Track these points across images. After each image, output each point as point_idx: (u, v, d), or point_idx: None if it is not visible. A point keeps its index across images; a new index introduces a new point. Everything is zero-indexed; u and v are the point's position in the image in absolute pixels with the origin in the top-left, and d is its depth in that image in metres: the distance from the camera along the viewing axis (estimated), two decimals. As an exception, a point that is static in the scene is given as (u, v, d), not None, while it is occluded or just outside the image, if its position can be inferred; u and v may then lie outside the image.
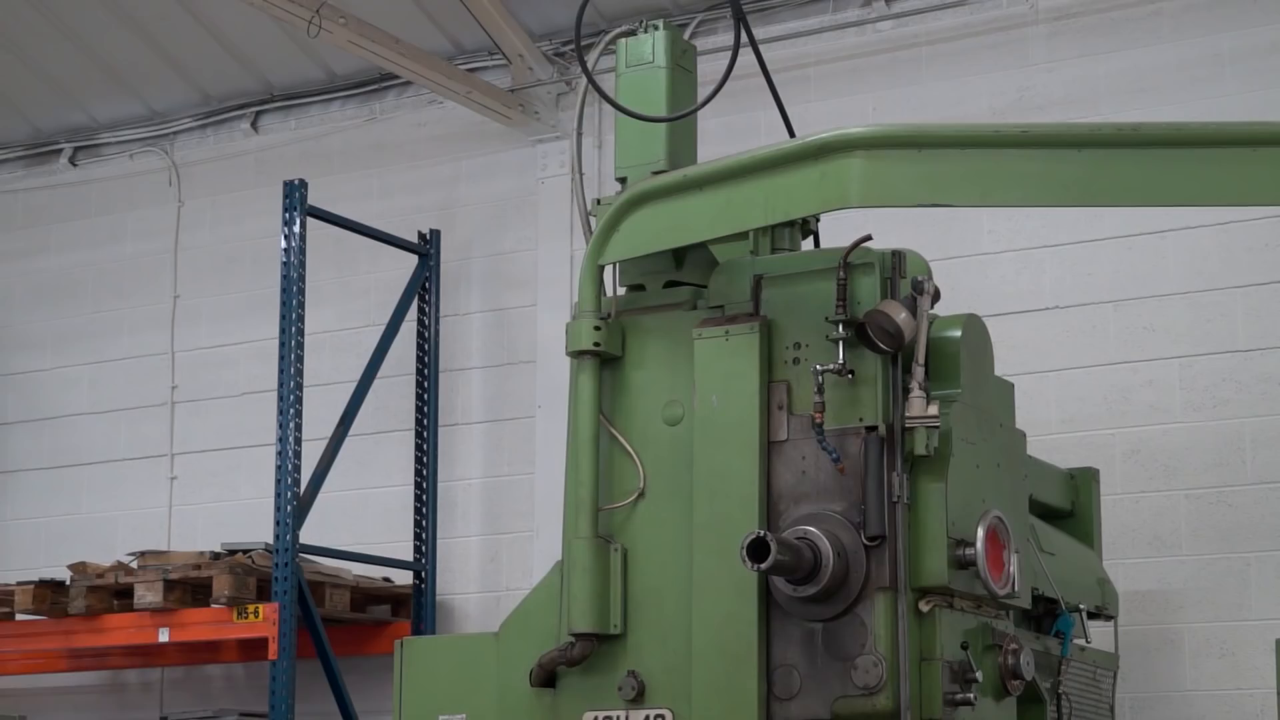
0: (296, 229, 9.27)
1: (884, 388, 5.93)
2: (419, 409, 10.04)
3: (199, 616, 9.29)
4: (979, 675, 5.93)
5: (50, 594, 9.70)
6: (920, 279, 6.00)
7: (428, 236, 10.13)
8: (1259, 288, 8.47)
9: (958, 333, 6.18)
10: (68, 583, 9.66)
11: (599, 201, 6.66)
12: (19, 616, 9.86)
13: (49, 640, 9.89)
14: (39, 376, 11.40)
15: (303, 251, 9.28)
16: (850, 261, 5.97)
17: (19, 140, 11.59)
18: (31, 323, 11.48)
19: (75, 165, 11.49)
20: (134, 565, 9.59)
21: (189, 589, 9.34)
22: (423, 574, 9.85)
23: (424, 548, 9.88)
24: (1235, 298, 8.49)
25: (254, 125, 10.99)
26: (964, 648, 5.96)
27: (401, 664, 6.67)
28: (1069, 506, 7.71)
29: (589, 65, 6.62)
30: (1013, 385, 6.54)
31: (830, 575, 5.80)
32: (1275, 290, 8.44)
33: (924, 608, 5.90)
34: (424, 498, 9.95)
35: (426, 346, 10.09)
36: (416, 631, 9.67)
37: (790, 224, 6.57)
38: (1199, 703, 8.28)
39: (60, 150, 11.50)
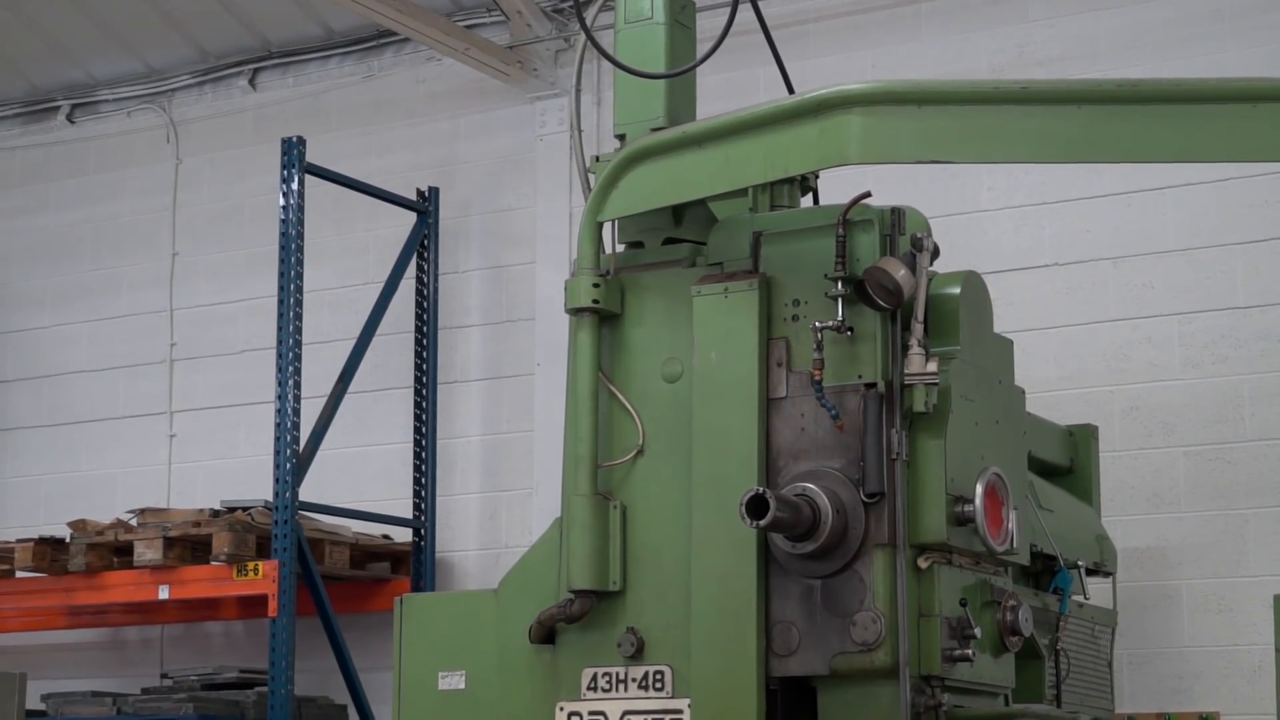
0: (295, 186, 9.26)
1: (883, 345, 5.92)
2: (418, 366, 10.05)
3: (198, 574, 9.30)
4: (977, 631, 5.94)
5: (50, 551, 9.72)
6: (919, 236, 5.99)
7: (426, 194, 10.12)
8: (1258, 244, 8.46)
9: (957, 289, 6.17)
10: (67, 540, 9.68)
11: (598, 158, 6.64)
12: (19, 574, 9.88)
13: (49, 597, 9.91)
14: (38, 334, 11.40)
15: (301, 209, 9.27)
16: (849, 218, 5.96)
17: (16, 97, 11.57)
18: (30, 280, 11.47)
19: (73, 123, 11.47)
20: (133, 522, 9.61)
21: (188, 546, 9.36)
22: (422, 531, 9.86)
23: (423, 505, 9.90)
24: (1234, 254, 8.49)
25: (252, 82, 10.96)
26: (962, 604, 5.97)
27: (401, 621, 6.68)
28: (1068, 463, 7.72)
29: (587, 21, 6.59)
30: (1012, 342, 6.54)
31: (829, 532, 5.80)
32: (1274, 247, 8.44)
33: (923, 564, 5.90)
34: (423, 455, 9.95)
35: (425, 304, 10.08)
36: (416, 588, 9.69)
37: (789, 181, 6.55)
38: (1196, 658, 8.30)
39: (58, 107, 11.47)
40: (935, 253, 6.07)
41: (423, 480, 9.93)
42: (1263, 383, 8.36)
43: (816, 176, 6.79)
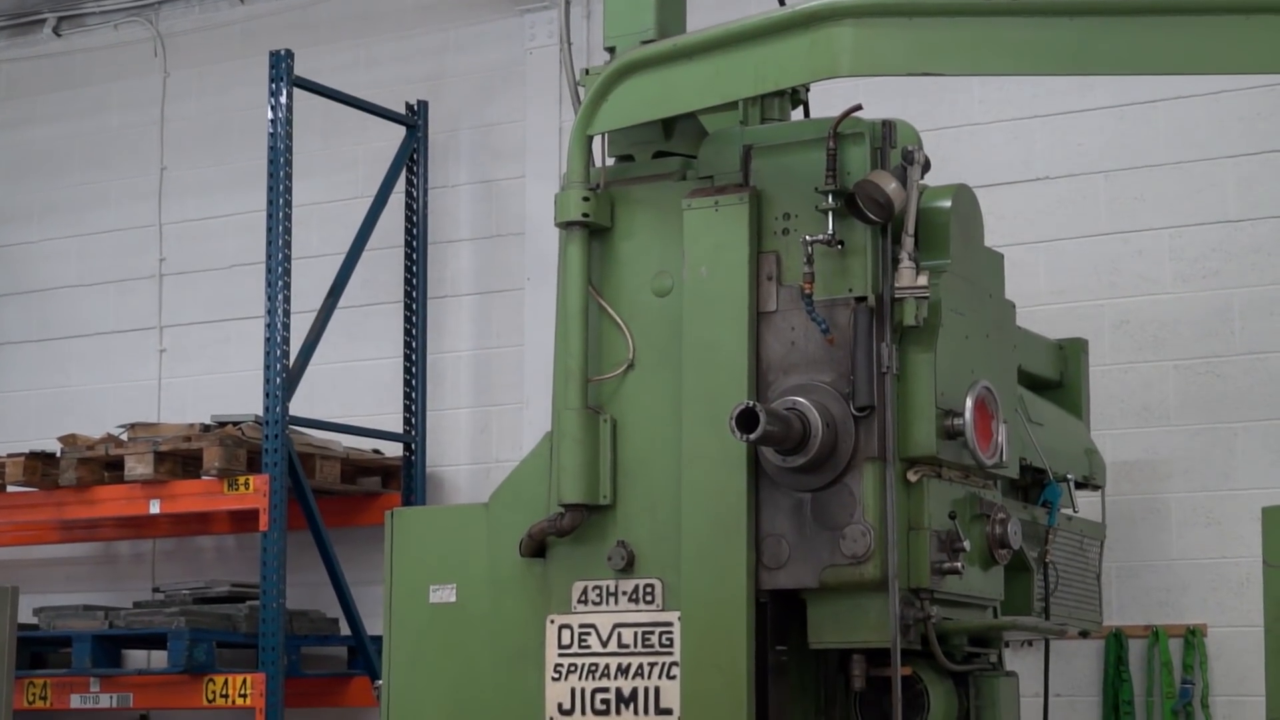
0: (283, 100, 9.21)
1: (873, 258, 5.92)
2: (408, 281, 10.03)
3: (189, 488, 9.31)
4: (966, 544, 5.97)
5: (40, 466, 9.72)
6: (910, 149, 5.97)
7: (415, 108, 10.07)
8: (1250, 157, 8.44)
9: (948, 203, 6.15)
10: (58, 455, 9.68)
11: (587, 72, 6.60)
12: (9, 488, 9.89)
13: (40, 512, 9.92)
14: (26, 249, 11.36)
15: (289, 123, 9.22)
16: (840, 131, 5.94)
17: (1, 10, 11.47)
18: (17, 195, 11.42)
19: (59, 36, 11.39)
20: (124, 437, 9.61)
21: (179, 461, 9.37)
22: (413, 446, 9.87)
23: (414, 420, 9.90)
24: (1226, 168, 8.47)
25: (239, -5, 10.90)
26: (952, 517, 5.99)
27: (392, 535, 6.70)
28: (1057, 377, 7.73)
29: (577, -67, 6.56)
30: (1002, 256, 6.53)
31: (819, 445, 5.82)
32: (1266, 160, 8.42)
33: (912, 478, 5.92)
34: (413, 370, 9.95)
35: (415, 218, 10.06)
36: (407, 503, 9.71)
37: (780, 94, 6.53)
38: (1184, 571, 8.34)
39: (44, 20, 11.39)
40: (926, 166, 6.06)
41: (413, 395, 9.94)
42: (1253, 296, 8.36)
43: (807, 89, 6.76)
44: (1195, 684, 8.21)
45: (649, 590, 6.12)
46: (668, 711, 6.04)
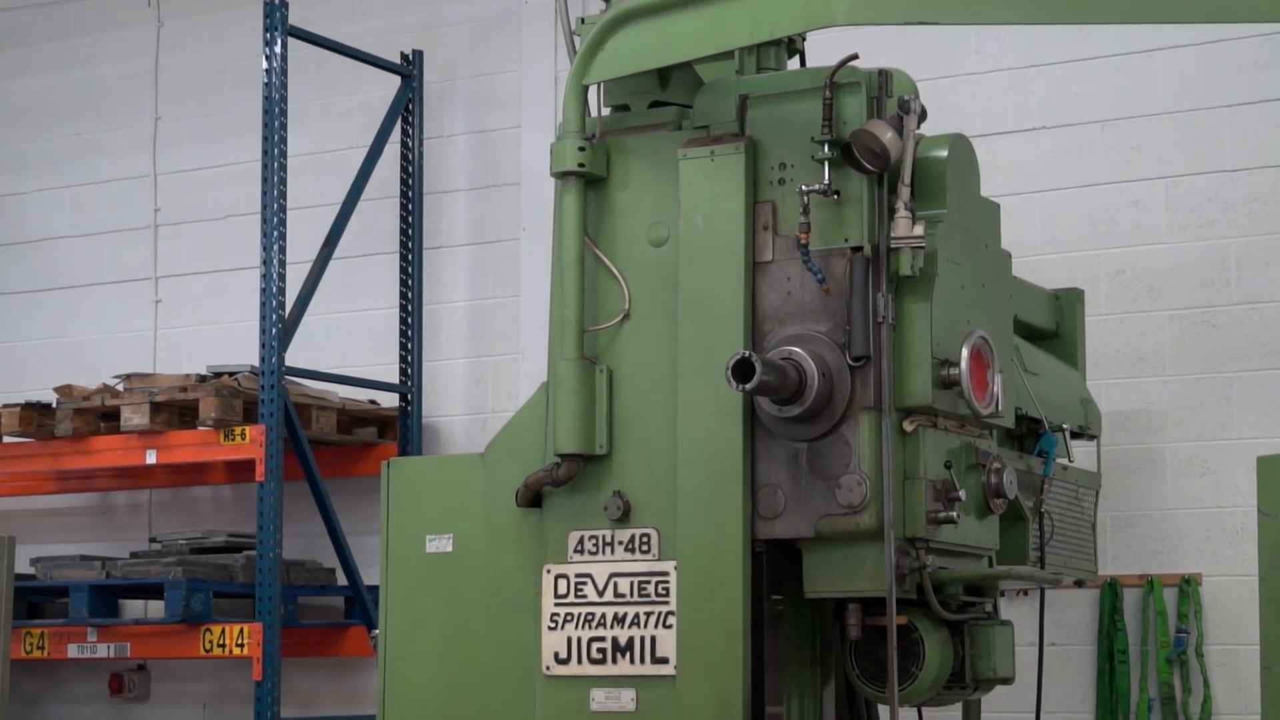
0: (277, 49, 9.18)
1: (869, 208, 5.91)
2: (403, 232, 10.02)
3: (186, 439, 9.32)
4: (962, 494, 5.97)
5: (36, 416, 9.73)
6: (907, 98, 5.95)
7: (410, 57, 10.04)
8: (1247, 107, 8.42)
9: (944, 153, 6.14)
10: (54, 405, 9.69)
11: (583, 20, 6.58)
12: (5, 439, 9.90)
13: (36, 462, 9.94)
14: (20, 199, 11.34)
15: (284, 73, 9.19)
16: (836, 81, 5.92)
17: (-6, -40, 11.45)
18: (11, 145, 11.40)
19: (52, -15, 11.35)
20: (120, 388, 9.61)
21: (175, 411, 9.37)
22: (409, 396, 9.88)
23: (410, 370, 9.91)
24: (1223, 117, 8.45)
25: (233, -57, 10.85)
26: (947, 467, 5.99)
27: (388, 485, 6.70)
28: (1053, 327, 7.73)
29: (572, -120, 6.52)
30: (999, 206, 6.52)
31: (815, 395, 5.82)
32: (1263, 110, 8.40)
33: (908, 427, 5.92)
34: (409, 320, 9.95)
35: (410, 169, 10.04)
36: (403, 453, 9.72)
37: (776, 43, 6.50)
38: (1179, 521, 8.36)
39: (37, -31, 11.36)
40: (922, 115, 6.05)
41: (409, 345, 9.93)
42: (1249, 246, 8.35)
43: (803, 39, 6.74)
44: (1190, 633, 8.23)
45: (645, 540, 6.13)
46: (664, 660, 6.06)
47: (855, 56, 5.96)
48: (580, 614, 6.21)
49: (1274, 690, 6.69)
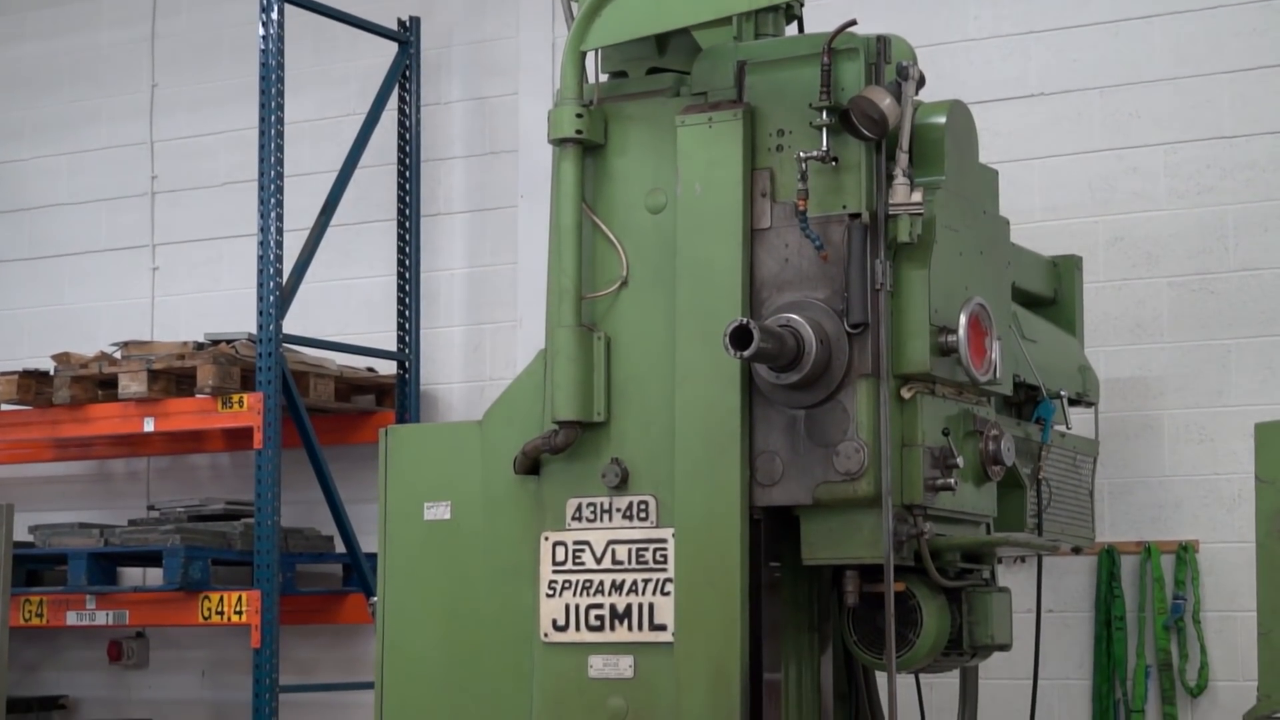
0: (274, 16, 9.16)
1: (868, 174, 5.90)
2: (400, 199, 10.00)
3: (183, 406, 9.33)
4: (960, 461, 5.98)
5: (34, 384, 9.73)
6: (905, 64, 5.94)
7: (408, 24, 10.01)
8: (1245, 73, 8.41)
9: (942, 119, 6.13)
10: (51, 373, 9.69)
11: (580, -14, 6.56)
12: (3, 407, 9.90)
13: (34, 430, 9.94)
14: (17, 167, 11.33)
15: (281, 39, 9.17)
16: (834, 47, 5.91)
17: (-10, -74, 11.42)
18: (7, 112, 11.37)
19: (48, -49, 11.32)
20: (117, 355, 9.61)
21: (173, 379, 9.37)
22: (406, 364, 9.87)
23: (407, 337, 9.90)
24: (1221, 84, 8.44)
25: (230, -92, 10.81)
26: (945, 434, 5.99)
27: (386, 452, 6.70)
28: (1051, 294, 7.72)
29: None
30: (997, 172, 6.51)
31: (813, 362, 5.82)
32: (1262, 75, 8.38)
33: (906, 394, 5.92)
34: (407, 288, 9.94)
35: (408, 136, 10.02)
36: (401, 421, 9.72)
37: (774, 9, 6.48)
38: (1177, 487, 8.37)
39: (33, -65, 11.32)
40: (921, 82, 6.03)
41: (407, 313, 9.93)
42: (1248, 213, 8.35)
43: (801, 4, 6.71)
44: (1187, 599, 8.25)
45: (643, 507, 6.13)
46: (661, 627, 6.06)
47: (853, 22, 5.95)
48: (578, 581, 6.21)
49: (1271, 656, 6.71)
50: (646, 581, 6.11)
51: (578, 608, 6.20)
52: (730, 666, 5.91)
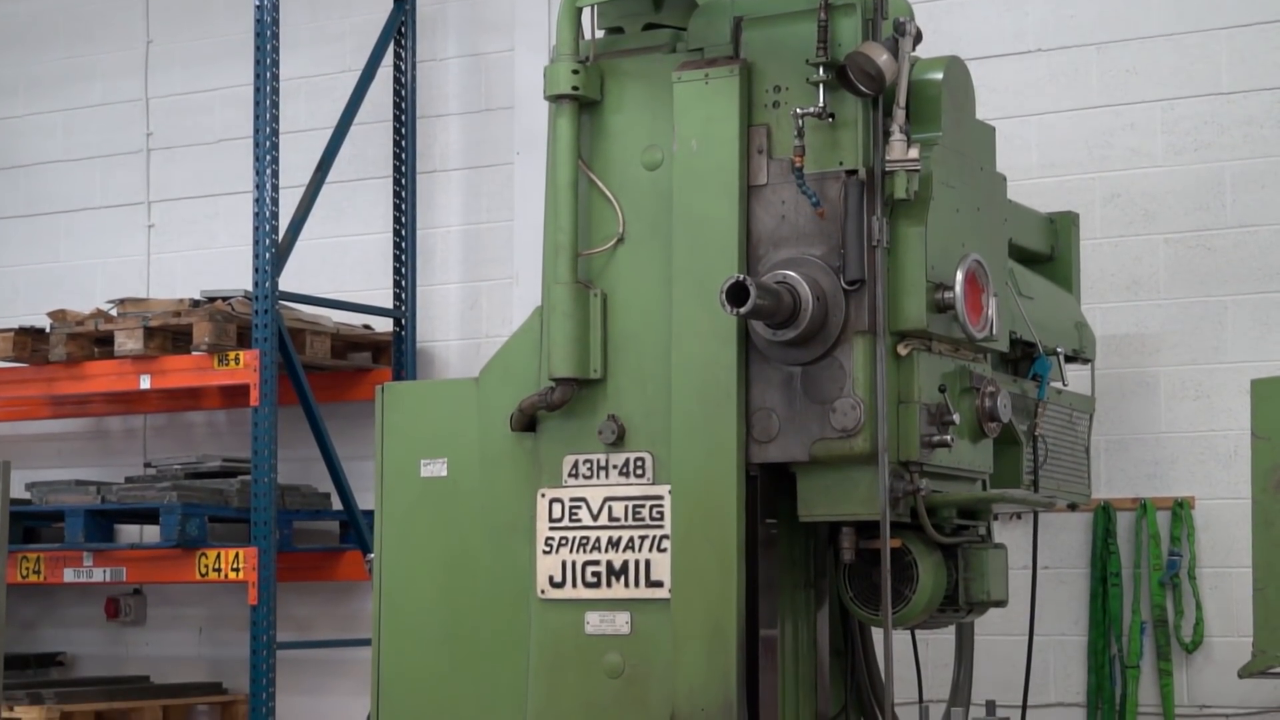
0: (269, -29, 9.13)
1: (864, 131, 5.89)
2: (396, 156, 9.98)
3: (180, 363, 9.32)
4: (956, 418, 5.98)
5: (30, 341, 9.72)
6: (902, 20, 5.92)
7: (403, -21, 9.99)
8: (1243, 29, 8.39)
9: (939, 75, 6.11)
10: (48, 330, 9.68)
11: (577, -58, 6.54)
12: None
13: (30, 387, 9.93)
14: (12, 124, 11.29)
15: (276, -6, 9.15)
16: (831, 3, 5.88)
17: (-16, -119, 11.36)
18: (2, 69, 11.33)
19: (42, -94, 11.27)
20: (114, 313, 9.60)
21: (169, 336, 9.36)
22: (403, 321, 9.87)
23: (404, 295, 9.89)
24: (1219, 39, 8.42)
25: None
26: (942, 390, 6.00)
27: (383, 409, 6.70)
28: (1048, 251, 7.72)
29: None
30: (994, 129, 6.50)
31: (809, 319, 5.81)
32: (1259, 31, 8.36)
33: (902, 351, 5.92)
34: (403, 245, 9.93)
35: (403, 92, 9.99)
36: (397, 378, 9.72)
37: (771, -36, 6.47)
38: (1173, 444, 8.37)
39: (26, -110, 11.27)
40: (918, 38, 6.01)
41: (403, 270, 9.92)
42: (1245, 169, 8.33)
43: (798, -40, 6.69)
44: (1182, 555, 8.26)
45: (639, 464, 6.14)
46: (658, 584, 6.07)
47: (850, -22, 5.93)
48: (575, 538, 6.22)
49: (1266, 611, 6.74)
50: (643, 538, 6.12)
51: (574, 564, 6.21)
52: (726, 623, 5.92)
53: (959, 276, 5.96)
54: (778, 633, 6.09)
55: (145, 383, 9.37)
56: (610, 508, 6.18)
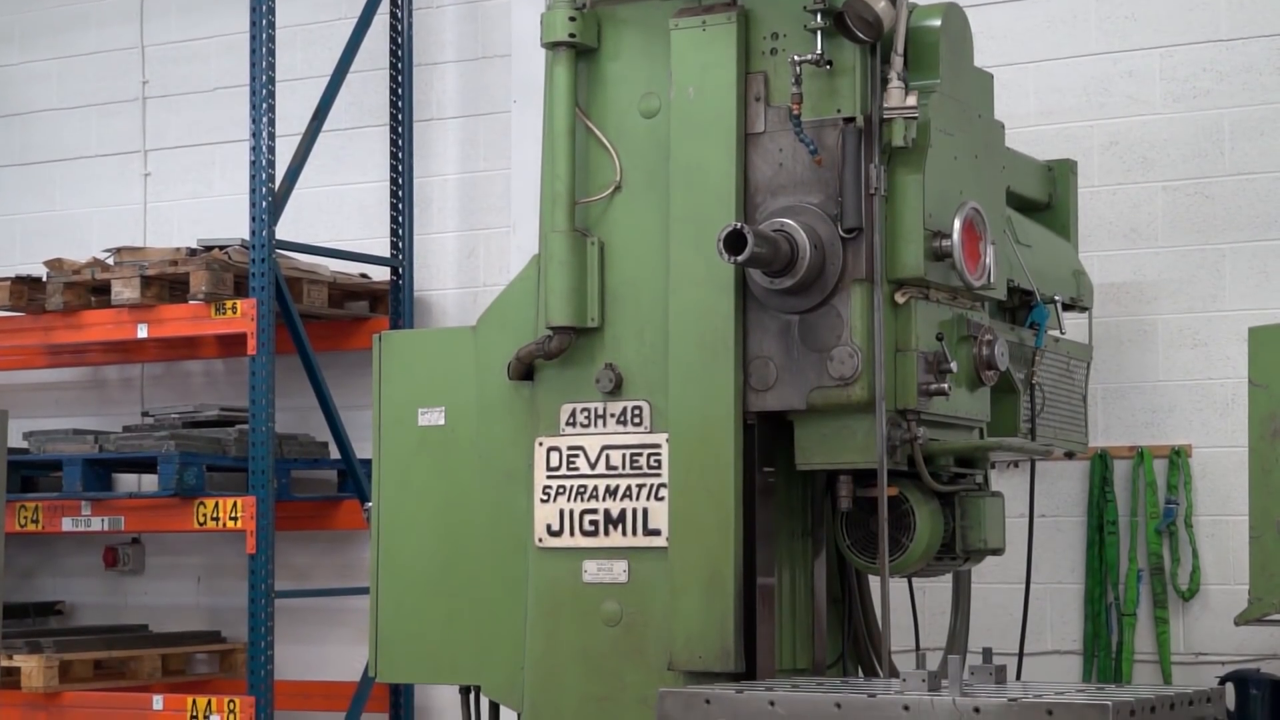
0: (265, -82, 9.08)
1: (862, 78, 5.87)
2: (393, 104, 9.94)
3: (177, 312, 9.30)
4: (954, 366, 5.98)
5: (27, 290, 9.71)
6: (900, -34, 5.90)
7: (399, -74, 9.94)
8: (1243, -24, 8.36)
9: (937, 22, 6.09)
10: (44, 279, 9.66)
11: (573, -112, 6.50)
12: (-4, 313, 9.90)
13: (27, 336, 9.91)
14: (7, 71, 11.25)
15: (271, -59, 9.10)
16: (829, -51, 5.87)
17: None
18: (-4, 17, 11.31)
19: None
20: (110, 261, 9.59)
21: (166, 285, 9.35)
22: (400, 270, 9.85)
23: (401, 244, 9.88)
24: (1218, -14, 8.40)
25: None
26: (939, 339, 5.99)
27: (380, 358, 6.70)
28: (1046, 199, 7.70)
29: None
30: (992, 76, 6.48)
31: (807, 267, 5.81)
32: (1259, -21, 8.34)
33: (900, 299, 5.92)
34: (400, 194, 9.91)
35: (400, 40, 9.95)
36: (394, 327, 9.70)
37: (768, -90, 6.43)
38: (1170, 392, 8.37)
39: None
40: (916, -16, 6.00)
41: (400, 219, 9.90)
42: (1244, 116, 8.31)
43: (796, -94, 6.65)
44: (1179, 504, 8.27)
45: (637, 412, 6.14)
46: (655, 532, 6.09)
47: (848, -76, 5.90)
48: (572, 486, 6.23)
49: (1262, 559, 6.75)
50: (640, 487, 6.12)
51: (572, 513, 6.22)
52: (724, 571, 5.93)
53: (957, 224, 5.95)
54: (775, 581, 6.09)
55: (142, 332, 9.37)
56: (608, 456, 6.18)
